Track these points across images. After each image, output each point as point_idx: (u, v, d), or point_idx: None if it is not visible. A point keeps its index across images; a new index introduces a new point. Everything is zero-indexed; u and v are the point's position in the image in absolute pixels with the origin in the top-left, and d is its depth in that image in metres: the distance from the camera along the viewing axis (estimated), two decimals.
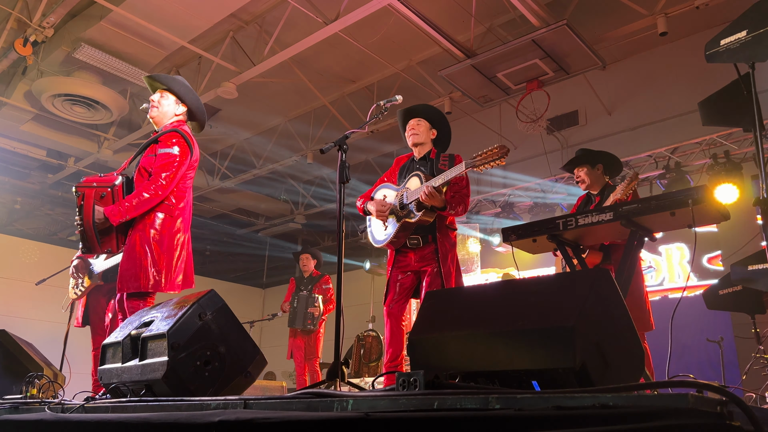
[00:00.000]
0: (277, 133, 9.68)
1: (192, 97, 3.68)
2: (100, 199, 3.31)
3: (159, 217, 3.36)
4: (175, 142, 3.42)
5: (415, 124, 3.86)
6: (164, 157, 3.37)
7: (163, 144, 3.41)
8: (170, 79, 3.66)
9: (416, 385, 1.63)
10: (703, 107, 3.53)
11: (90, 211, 3.27)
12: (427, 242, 3.64)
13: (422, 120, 3.88)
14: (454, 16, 6.77)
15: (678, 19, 6.33)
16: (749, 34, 2.92)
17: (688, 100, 6.72)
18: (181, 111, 3.64)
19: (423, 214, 3.53)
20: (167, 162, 3.35)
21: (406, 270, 3.72)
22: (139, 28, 6.96)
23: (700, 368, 6.20)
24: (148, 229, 3.33)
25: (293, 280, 7.51)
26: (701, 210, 2.78)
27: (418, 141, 3.83)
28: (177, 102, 3.63)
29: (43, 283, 6.61)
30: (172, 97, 3.62)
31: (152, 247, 3.31)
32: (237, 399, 1.87)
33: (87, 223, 3.27)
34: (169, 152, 3.37)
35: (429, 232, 3.64)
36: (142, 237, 3.32)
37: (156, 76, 3.66)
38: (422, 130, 3.84)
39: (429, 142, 3.87)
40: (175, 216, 3.42)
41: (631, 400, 1.23)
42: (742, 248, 6.28)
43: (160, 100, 3.61)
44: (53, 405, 2.52)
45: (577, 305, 1.71)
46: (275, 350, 11.32)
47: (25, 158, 10.12)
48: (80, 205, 3.30)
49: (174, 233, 3.40)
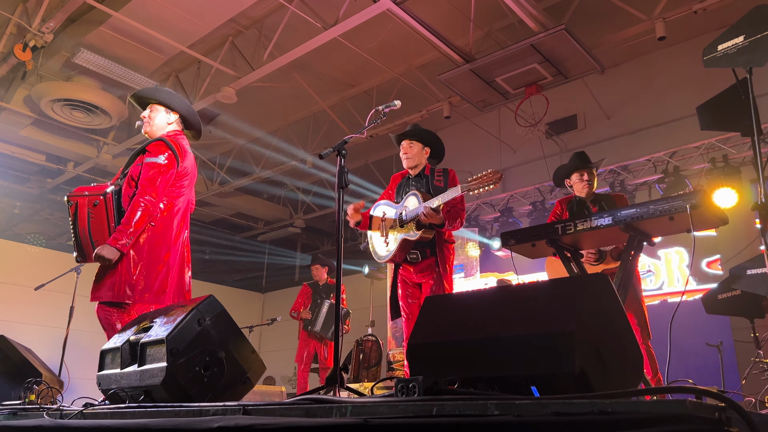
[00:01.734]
0: (277, 138, 9.69)
1: (180, 103, 3.62)
2: (93, 207, 3.26)
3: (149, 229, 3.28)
4: (161, 151, 3.35)
5: (408, 147, 4.02)
6: (149, 167, 3.29)
7: (150, 153, 3.35)
8: (155, 90, 3.65)
9: (415, 390, 1.62)
10: (702, 112, 3.53)
11: (84, 220, 3.23)
12: (425, 256, 3.82)
13: (414, 142, 4.03)
14: (453, 21, 6.78)
15: (676, 23, 6.34)
16: (746, 39, 2.93)
17: (687, 104, 6.73)
18: (173, 119, 3.58)
19: (423, 232, 3.70)
20: (152, 174, 3.27)
21: (408, 287, 3.92)
22: (138, 33, 6.97)
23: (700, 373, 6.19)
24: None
25: (306, 286, 7.54)
26: (700, 214, 2.79)
27: (411, 164, 4.01)
28: (167, 111, 3.58)
29: (42, 288, 6.61)
30: (162, 108, 3.58)
31: (130, 258, 3.22)
32: (236, 405, 1.87)
33: (82, 231, 3.24)
34: (154, 161, 3.30)
35: (428, 247, 3.80)
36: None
37: (141, 92, 3.63)
38: (415, 152, 4.00)
39: (423, 160, 4.04)
40: (159, 226, 3.32)
41: (629, 406, 1.23)
42: (741, 252, 6.28)
43: (150, 114, 3.58)
44: (52, 411, 2.52)
45: (576, 310, 1.71)
46: (275, 355, 11.31)
47: (25, 163, 10.13)
48: (74, 214, 3.27)
49: (157, 244, 3.30)
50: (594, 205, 4.27)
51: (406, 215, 3.80)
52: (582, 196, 4.32)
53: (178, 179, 3.42)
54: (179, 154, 3.40)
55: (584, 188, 4.29)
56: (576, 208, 4.32)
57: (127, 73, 7.64)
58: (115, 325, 3.25)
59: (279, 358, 10.73)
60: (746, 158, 6.95)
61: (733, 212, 6.00)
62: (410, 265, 3.86)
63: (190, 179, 3.55)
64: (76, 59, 7.26)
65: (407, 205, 3.84)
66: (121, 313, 3.30)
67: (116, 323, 3.26)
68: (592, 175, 4.31)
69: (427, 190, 3.85)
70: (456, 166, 9.15)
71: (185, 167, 3.46)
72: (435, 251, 3.78)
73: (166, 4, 6.54)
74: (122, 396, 2.73)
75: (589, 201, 4.29)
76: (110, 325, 3.27)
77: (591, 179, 4.29)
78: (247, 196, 11.70)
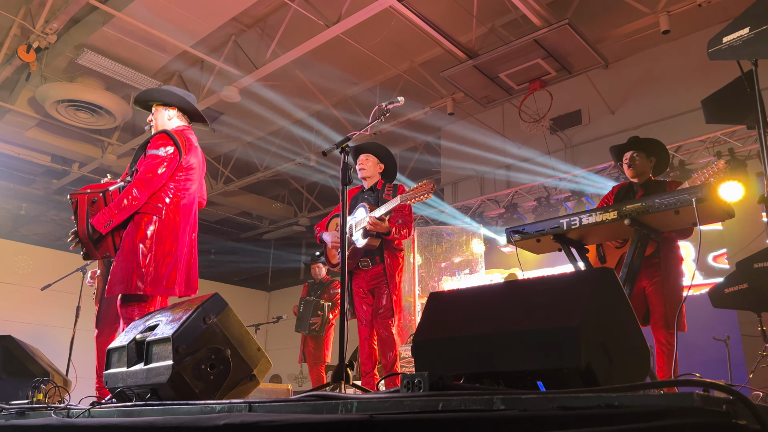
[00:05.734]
0: (280, 136, 9.70)
1: (176, 97, 3.62)
2: (91, 204, 3.27)
3: (147, 221, 3.28)
4: (162, 143, 3.35)
5: (364, 160, 4.35)
6: (150, 158, 3.31)
7: (151, 146, 3.36)
8: (153, 90, 3.70)
9: (421, 386, 1.62)
10: (707, 105, 3.51)
11: (84, 218, 3.25)
12: (375, 263, 4.14)
13: (371, 156, 4.36)
14: (456, 17, 6.76)
15: (680, 17, 6.31)
16: (752, 31, 2.91)
17: (692, 98, 6.70)
18: (172, 114, 3.60)
19: (369, 240, 4.02)
20: (151, 164, 3.28)
21: (360, 293, 4.18)
22: (141, 33, 6.98)
23: (707, 367, 6.16)
24: (135, 232, 3.26)
25: (306, 285, 7.56)
26: (705, 208, 2.77)
27: (365, 175, 4.34)
28: (165, 108, 3.61)
29: (48, 289, 6.63)
30: (161, 106, 3.61)
31: (139, 251, 3.23)
32: (242, 402, 1.87)
33: (81, 230, 3.25)
34: (155, 153, 3.31)
35: (377, 254, 4.12)
36: (131, 240, 3.26)
37: (140, 95, 3.66)
38: (369, 165, 4.33)
39: (377, 174, 4.36)
40: (166, 219, 3.33)
41: (636, 400, 1.22)
42: (747, 246, 6.25)
43: (154, 114, 3.62)
44: (59, 410, 2.53)
45: (582, 305, 1.71)
46: (280, 353, 11.32)
47: (30, 164, 10.17)
48: (75, 212, 3.29)
49: (164, 236, 3.31)
50: (642, 189, 4.01)
51: (356, 225, 4.14)
52: (632, 180, 4.09)
53: (183, 172, 3.42)
54: (183, 148, 3.40)
55: (627, 170, 4.07)
56: (624, 193, 4.10)
57: (130, 73, 7.65)
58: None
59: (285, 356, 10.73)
60: (753, 151, 6.91)
61: (740, 206, 5.97)
62: (362, 271, 4.17)
63: (197, 174, 3.54)
64: (79, 60, 7.28)
65: (356, 216, 4.19)
66: (142, 309, 3.31)
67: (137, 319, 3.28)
68: (638, 158, 4.04)
69: (376, 202, 4.15)
70: (460, 162, 9.15)
71: (190, 162, 3.46)
72: (383, 258, 4.09)
73: (169, 4, 6.54)
74: (129, 394, 2.74)
75: (638, 186, 4.04)
76: (131, 322, 3.29)
77: (635, 162, 4.03)
78: (252, 195, 11.71)
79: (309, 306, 7.02)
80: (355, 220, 4.19)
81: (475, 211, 8.93)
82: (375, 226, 3.94)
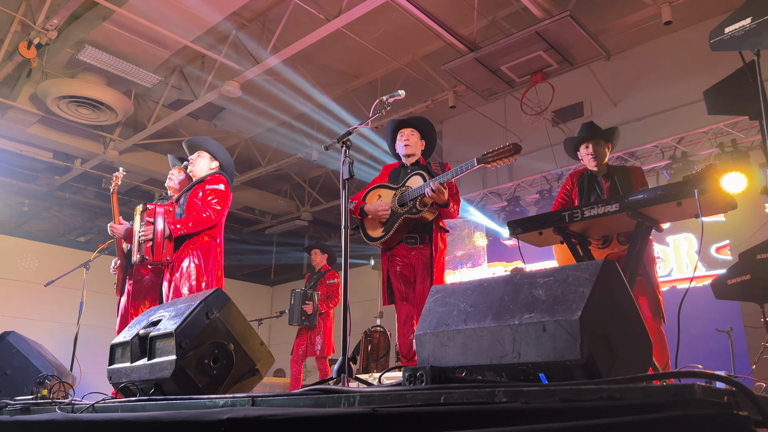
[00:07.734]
0: (282, 131, 9.69)
1: (223, 154, 4.40)
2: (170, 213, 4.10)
3: (205, 241, 4.08)
4: (221, 181, 4.19)
5: (409, 134, 3.99)
6: (215, 191, 4.13)
7: (211, 182, 4.16)
8: (205, 140, 4.42)
9: (423, 379, 1.63)
10: (709, 96, 3.50)
11: (163, 225, 4.00)
12: (423, 242, 3.78)
13: (415, 131, 4.01)
14: (457, 10, 6.74)
15: (682, 7, 6.28)
16: (754, 21, 2.89)
17: (694, 89, 6.67)
18: (215, 165, 4.36)
19: (427, 210, 3.65)
20: (218, 194, 4.11)
21: (401, 270, 3.82)
22: (142, 28, 6.97)
23: (710, 358, 6.17)
24: (195, 250, 4.02)
25: (307, 276, 7.57)
26: (708, 199, 2.76)
27: (410, 152, 3.96)
28: (211, 159, 4.36)
29: (51, 285, 6.64)
30: (207, 155, 4.35)
31: (201, 262, 4.00)
32: (245, 396, 1.88)
33: (160, 234, 3.97)
34: (217, 188, 4.14)
35: (426, 232, 3.78)
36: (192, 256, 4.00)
37: (192, 141, 4.40)
38: (414, 141, 3.97)
39: (419, 152, 4.02)
40: (215, 236, 4.15)
41: (638, 392, 1.22)
42: (750, 237, 6.24)
43: (197, 158, 4.33)
44: (64, 405, 2.54)
45: (584, 297, 1.70)
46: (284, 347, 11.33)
47: (32, 160, 10.17)
48: (153, 219, 4.00)
49: (213, 249, 4.10)
50: (606, 179, 3.98)
51: (410, 194, 3.73)
52: (593, 170, 4.04)
53: (227, 208, 4.25)
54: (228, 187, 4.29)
55: (591, 161, 4.02)
56: (587, 183, 4.05)
57: (131, 68, 7.65)
58: None
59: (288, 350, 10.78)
60: (755, 142, 6.89)
61: (742, 197, 5.96)
62: (405, 248, 3.81)
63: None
64: (80, 56, 7.27)
65: (410, 185, 3.77)
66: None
67: None
68: (599, 147, 4.00)
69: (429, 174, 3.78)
70: (462, 155, 9.13)
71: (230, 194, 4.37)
72: (432, 238, 3.76)
73: None
74: (133, 389, 2.75)
75: (600, 175, 4.01)
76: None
77: (598, 151, 3.98)
78: (254, 189, 11.71)
79: (298, 297, 6.99)
80: (408, 189, 3.76)
81: (477, 203, 8.93)
82: (438, 192, 3.53)
